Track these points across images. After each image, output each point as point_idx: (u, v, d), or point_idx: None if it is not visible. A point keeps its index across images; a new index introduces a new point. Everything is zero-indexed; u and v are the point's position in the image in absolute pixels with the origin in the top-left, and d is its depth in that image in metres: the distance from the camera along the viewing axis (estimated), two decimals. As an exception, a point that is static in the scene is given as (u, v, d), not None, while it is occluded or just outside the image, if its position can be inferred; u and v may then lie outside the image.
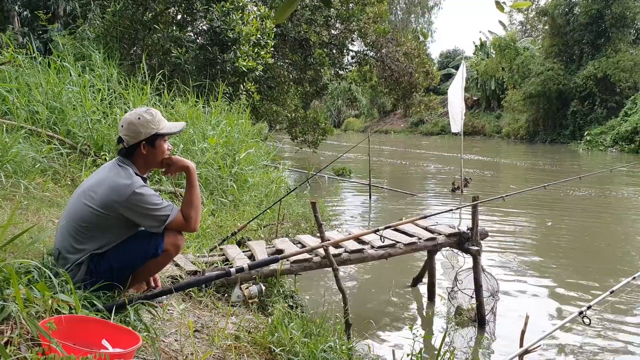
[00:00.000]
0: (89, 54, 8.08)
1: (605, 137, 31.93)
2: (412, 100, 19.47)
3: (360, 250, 4.86)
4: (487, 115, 50.25)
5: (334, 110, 62.08)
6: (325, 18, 15.14)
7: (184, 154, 6.56)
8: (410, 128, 54.21)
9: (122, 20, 9.21)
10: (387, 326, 5.20)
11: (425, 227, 5.63)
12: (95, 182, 3.00)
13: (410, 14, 52.71)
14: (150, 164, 3.15)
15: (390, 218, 10.12)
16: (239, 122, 8.35)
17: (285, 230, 6.60)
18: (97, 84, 7.21)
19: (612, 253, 8.31)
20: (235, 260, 4.31)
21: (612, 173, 17.30)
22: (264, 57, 10.05)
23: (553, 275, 7.04)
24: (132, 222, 2.99)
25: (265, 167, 8.58)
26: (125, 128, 3.01)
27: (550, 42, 39.88)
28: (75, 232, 2.92)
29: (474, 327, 5.04)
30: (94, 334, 2.34)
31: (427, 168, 21.77)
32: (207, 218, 5.70)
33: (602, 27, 36.16)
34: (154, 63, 9.23)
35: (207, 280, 3.60)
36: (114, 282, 2.93)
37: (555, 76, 37.83)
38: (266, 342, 3.17)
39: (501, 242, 8.57)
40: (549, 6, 39.41)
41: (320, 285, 6.15)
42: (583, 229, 9.94)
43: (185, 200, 3.10)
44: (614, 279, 6.44)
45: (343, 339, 3.61)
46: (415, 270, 6.44)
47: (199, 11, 9.50)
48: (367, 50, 18.20)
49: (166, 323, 3.10)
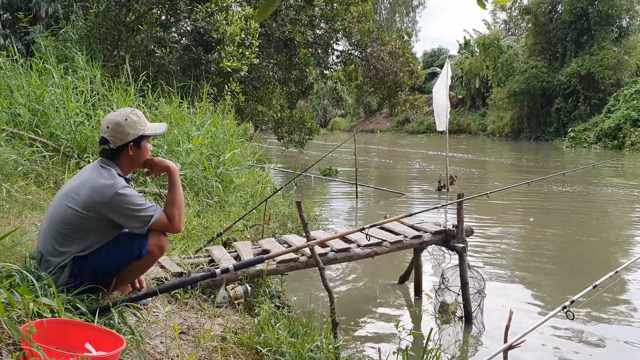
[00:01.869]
0: (72, 55, 8.00)
1: (589, 134, 32.29)
2: (397, 99, 19.55)
3: (346, 249, 4.86)
4: (472, 113, 50.60)
5: (320, 110, 62.10)
6: (309, 18, 15.13)
7: (168, 155, 6.52)
8: (396, 127, 54.42)
9: (105, 22, 9.13)
10: (374, 324, 5.21)
11: (411, 225, 5.65)
12: (78, 184, 2.97)
13: (395, 13, 52.79)
14: (135, 164, 3.14)
15: (377, 217, 10.13)
16: (224, 123, 8.32)
17: (272, 230, 6.58)
18: (80, 86, 7.14)
19: (596, 248, 8.40)
20: (221, 261, 4.29)
21: (595, 169, 17.49)
22: (248, 58, 10.02)
23: (539, 271, 7.10)
24: (115, 223, 2.97)
25: (251, 168, 8.55)
26: (112, 129, 2.98)
27: (534, 40, 40.27)
28: (58, 235, 2.90)
29: (460, 324, 5.06)
30: (77, 337, 2.31)
31: (413, 166, 21.85)
32: (192, 219, 5.67)
33: (585, 25, 36.56)
34: (138, 64, 9.16)
35: (192, 282, 3.58)
36: (98, 284, 2.91)
37: (539, 74, 38.21)
38: (253, 343, 3.16)
39: (487, 239, 8.63)
40: (532, 4, 39.79)
41: (307, 284, 6.15)
42: (567, 224, 10.04)
43: (168, 201, 3.09)
44: (598, 273, 6.50)
45: (330, 338, 3.61)
46: (401, 268, 6.46)
47: (182, 12, 9.44)
48: (352, 50, 18.22)
49: (151, 325, 3.08)
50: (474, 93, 50.32)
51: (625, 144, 29.01)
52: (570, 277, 6.79)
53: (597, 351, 4.67)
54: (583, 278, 6.55)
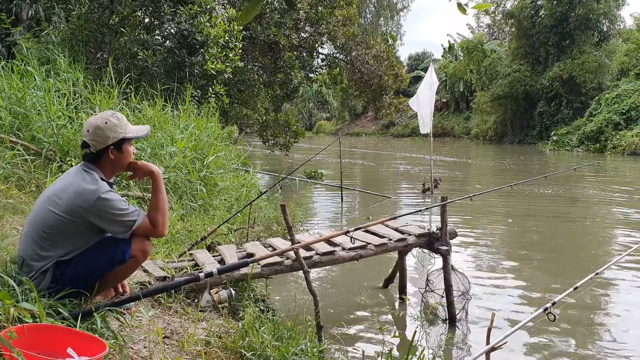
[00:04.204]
0: (54, 58, 7.92)
1: (572, 137, 32.68)
2: (382, 103, 19.66)
3: (331, 252, 4.87)
4: (456, 116, 51.02)
5: (306, 113, 62.19)
6: (294, 21, 15.15)
7: (152, 158, 6.48)
8: (381, 130, 54.68)
9: (87, 24, 9.05)
10: (358, 327, 5.21)
11: (395, 228, 5.66)
12: (60, 188, 2.95)
13: (380, 17, 53.03)
14: (117, 168, 3.12)
15: (362, 219, 10.17)
16: (208, 126, 8.29)
17: (257, 233, 6.56)
18: (63, 89, 7.07)
19: (577, 249, 8.49)
20: (205, 265, 4.28)
21: (577, 172, 17.69)
22: (232, 60, 10.00)
23: (523, 272, 7.16)
24: (98, 227, 2.94)
25: (235, 171, 8.52)
26: (92, 133, 2.96)
27: (517, 45, 40.69)
28: (40, 239, 2.87)
29: (445, 326, 5.09)
30: (59, 342, 2.30)
31: (398, 169, 21.94)
32: (176, 223, 5.64)
33: (567, 29, 37.01)
34: (121, 67, 9.10)
35: (175, 286, 3.56)
36: (81, 289, 2.88)
37: (522, 78, 38.61)
38: (237, 347, 3.15)
39: (471, 241, 8.68)
40: (515, 8, 40.19)
41: (292, 288, 6.14)
42: (549, 226, 10.14)
43: (151, 206, 3.07)
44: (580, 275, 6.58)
45: (314, 341, 3.61)
46: (386, 271, 6.48)
47: (166, 14, 9.40)
48: (336, 53, 18.29)
49: (135, 330, 3.06)
50: (458, 97, 50.77)
51: (607, 147, 29.38)
52: (552, 279, 6.85)
53: (578, 352, 4.72)
54: (565, 279, 6.62)
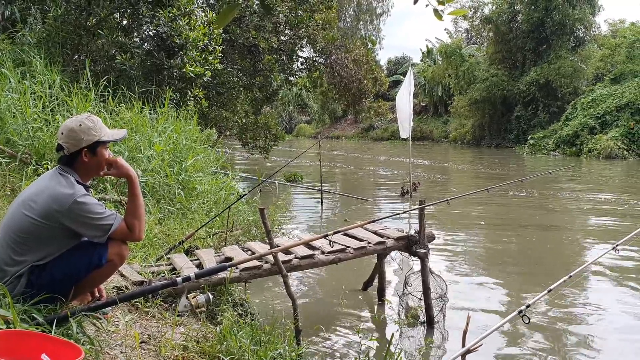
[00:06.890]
0: (30, 59, 7.82)
1: (548, 141, 33.16)
2: (362, 106, 19.74)
3: (310, 256, 4.87)
4: (434, 120, 51.44)
5: (286, 116, 62.19)
6: (274, 24, 15.15)
7: (129, 162, 6.42)
8: (361, 133, 54.88)
9: (64, 26, 8.95)
10: (337, 331, 5.22)
11: (374, 231, 5.69)
12: (35, 192, 2.92)
13: (359, 21, 53.34)
14: (92, 171, 3.10)
15: (342, 223, 10.19)
16: (187, 129, 8.25)
17: (236, 237, 6.53)
18: (38, 91, 6.99)
19: (551, 252, 8.61)
20: (183, 270, 4.25)
21: (553, 175, 17.94)
22: (212, 63, 9.96)
23: (499, 275, 7.24)
24: (74, 232, 2.92)
25: (214, 174, 8.49)
26: (66, 135, 2.94)
27: (495, 49, 41.21)
28: (14, 244, 2.84)
29: (423, 329, 5.12)
30: (33, 348, 2.27)
31: (378, 173, 22.04)
32: (153, 227, 5.60)
33: (543, 35, 37.59)
34: (99, 69, 9.00)
35: (152, 290, 3.54)
36: (56, 294, 2.86)
37: (499, 82, 39.11)
38: (215, 352, 3.14)
39: (448, 244, 8.76)
40: (492, 14, 40.70)
41: (271, 292, 6.14)
42: (524, 229, 10.27)
43: (128, 210, 3.05)
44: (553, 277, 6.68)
45: (293, 345, 3.61)
46: (365, 274, 6.50)
47: (144, 17, 9.34)
48: (316, 57, 18.31)
49: (111, 335, 3.03)
50: (437, 101, 51.19)
51: (582, 150, 29.87)
52: (527, 281, 6.95)
53: (552, 353, 4.79)
54: (539, 281, 6.71)
